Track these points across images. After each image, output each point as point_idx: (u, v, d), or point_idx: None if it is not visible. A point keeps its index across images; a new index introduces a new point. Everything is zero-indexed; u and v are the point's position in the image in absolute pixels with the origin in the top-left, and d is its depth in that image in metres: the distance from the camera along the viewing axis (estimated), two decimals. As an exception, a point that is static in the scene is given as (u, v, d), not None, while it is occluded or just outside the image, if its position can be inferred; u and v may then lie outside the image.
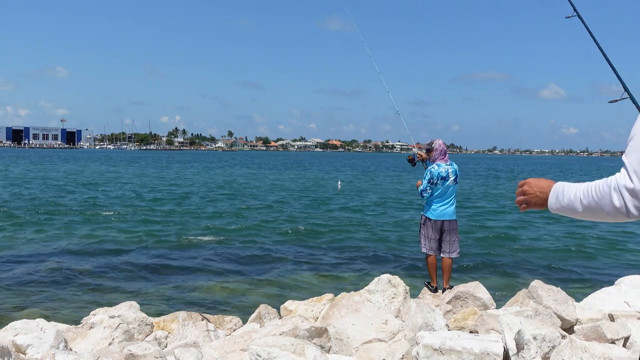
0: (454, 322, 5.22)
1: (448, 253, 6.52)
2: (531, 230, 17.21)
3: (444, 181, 6.43)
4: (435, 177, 6.43)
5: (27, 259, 11.66)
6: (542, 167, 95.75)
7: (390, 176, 50.87)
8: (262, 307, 6.30)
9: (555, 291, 5.39)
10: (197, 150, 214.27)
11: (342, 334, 4.69)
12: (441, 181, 6.43)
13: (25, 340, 4.51)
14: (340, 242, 14.55)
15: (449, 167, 6.48)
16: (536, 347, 3.97)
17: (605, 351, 3.84)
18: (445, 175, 6.44)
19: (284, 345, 3.87)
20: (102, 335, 5.04)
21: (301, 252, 12.98)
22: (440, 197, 6.47)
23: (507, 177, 52.47)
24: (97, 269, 10.89)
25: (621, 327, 4.39)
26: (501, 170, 74.23)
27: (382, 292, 5.79)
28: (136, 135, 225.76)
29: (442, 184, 6.43)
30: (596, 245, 14.88)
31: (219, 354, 4.29)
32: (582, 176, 58.89)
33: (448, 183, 6.43)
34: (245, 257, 12.27)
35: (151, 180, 38.81)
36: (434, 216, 6.49)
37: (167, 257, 12.16)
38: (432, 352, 3.92)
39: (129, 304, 5.99)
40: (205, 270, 11.05)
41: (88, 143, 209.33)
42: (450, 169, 6.48)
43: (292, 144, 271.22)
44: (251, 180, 41.33)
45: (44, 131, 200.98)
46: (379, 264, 11.87)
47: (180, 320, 5.84)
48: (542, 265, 12.10)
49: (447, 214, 6.48)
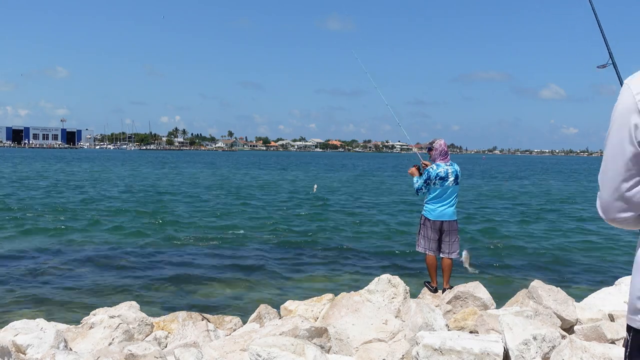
0: (454, 322, 5.22)
1: (448, 253, 6.51)
2: (531, 230, 17.22)
3: (442, 181, 6.40)
4: (433, 177, 6.41)
5: (27, 258, 11.66)
6: (543, 167, 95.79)
7: (380, 177, 50.90)
8: (262, 307, 6.30)
9: (555, 291, 5.40)
10: (197, 150, 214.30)
11: (342, 334, 4.69)
12: (440, 181, 6.40)
13: (25, 340, 4.51)
14: (341, 242, 14.55)
15: (448, 168, 6.46)
16: (536, 347, 3.97)
17: (605, 351, 3.84)
18: (444, 175, 6.41)
19: (284, 345, 3.87)
20: (102, 335, 5.04)
21: (301, 252, 12.98)
22: (440, 197, 6.45)
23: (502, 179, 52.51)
24: (97, 269, 10.89)
25: (621, 327, 4.39)
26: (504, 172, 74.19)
27: (382, 292, 5.79)
28: (136, 135, 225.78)
29: (441, 184, 6.41)
30: (596, 245, 14.88)
31: (219, 354, 4.29)
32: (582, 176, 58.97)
33: (447, 184, 6.41)
34: (245, 257, 12.27)
35: (152, 180, 38.82)
36: (432, 216, 6.47)
37: (167, 257, 12.16)
38: (432, 352, 3.92)
39: (129, 304, 5.99)
40: (205, 270, 11.05)
41: (88, 143, 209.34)
42: (450, 169, 6.46)
43: (292, 144, 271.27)
44: (250, 180, 41.33)
45: (44, 131, 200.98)
46: (379, 264, 11.87)
47: (180, 320, 5.84)
48: (542, 265, 12.10)
49: (447, 214, 6.47)
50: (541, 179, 50.13)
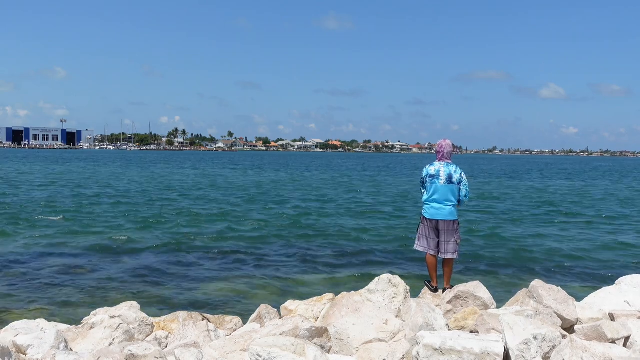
0: (455, 321, 5.21)
1: (443, 254, 6.52)
2: (531, 231, 17.22)
3: (432, 179, 6.45)
4: (424, 176, 6.57)
5: (27, 259, 11.66)
6: (541, 166, 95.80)
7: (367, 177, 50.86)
8: (263, 307, 6.30)
9: (556, 291, 5.39)
10: (197, 150, 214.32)
11: (342, 334, 4.69)
12: (430, 179, 6.47)
13: (25, 341, 4.51)
14: (341, 242, 14.55)
15: (441, 167, 6.48)
16: (537, 346, 3.97)
17: (605, 351, 3.84)
18: (435, 174, 6.46)
19: (285, 345, 3.87)
20: (102, 336, 5.04)
21: (301, 252, 12.98)
22: (433, 196, 6.49)
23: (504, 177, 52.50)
24: (97, 269, 10.89)
25: (622, 327, 4.39)
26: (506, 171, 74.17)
27: (382, 292, 5.79)
28: (136, 135, 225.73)
29: (431, 182, 6.46)
30: (596, 245, 14.88)
31: (220, 354, 4.29)
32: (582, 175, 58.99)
33: (438, 182, 6.43)
34: (245, 257, 12.27)
35: (155, 180, 38.83)
36: (428, 215, 6.53)
37: (167, 257, 12.16)
38: (433, 352, 3.92)
39: (130, 304, 5.99)
40: (205, 270, 11.06)
41: (88, 144, 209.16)
42: (442, 168, 6.47)
43: (292, 144, 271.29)
44: (250, 180, 41.34)
45: (44, 132, 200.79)
46: (379, 263, 11.87)
47: (180, 321, 5.84)
48: (542, 264, 12.10)
49: (442, 214, 6.46)
50: (543, 177, 50.22)
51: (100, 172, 48.99)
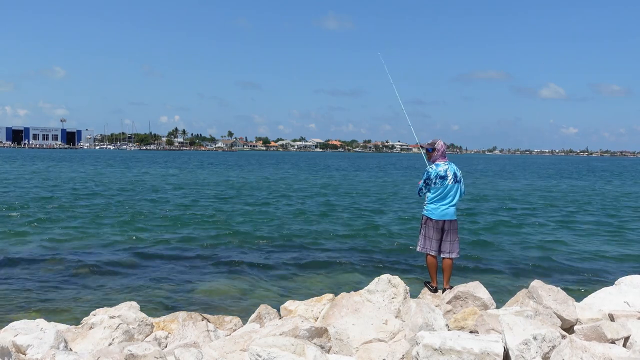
0: (454, 322, 5.21)
1: (448, 253, 6.51)
2: (531, 231, 17.21)
3: (442, 180, 6.43)
4: (433, 177, 6.45)
5: (27, 259, 11.66)
6: (542, 166, 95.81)
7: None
8: (262, 307, 6.30)
9: (555, 291, 5.39)
10: (197, 150, 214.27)
11: (342, 334, 4.69)
12: (440, 180, 6.43)
13: (25, 341, 4.51)
14: (341, 242, 14.55)
15: (447, 167, 6.49)
16: (536, 347, 3.97)
17: (605, 351, 3.84)
18: (444, 174, 6.44)
19: (284, 345, 3.87)
20: (102, 336, 5.04)
21: (301, 252, 12.98)
22: (441, 196, 6.46)
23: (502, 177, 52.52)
24: (97, 269, 10.89)
25: (621, 327, 4.39)
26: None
27: (382, 292, 5.79)
28: (136, 135, 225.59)
29: (442, 183, 6.43)
30: (596, 245, 14.88)
31: (219, 354, 4.29)
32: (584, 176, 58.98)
33: (447, 182, 6.43)
34: (244, 258, 12.27)
35: (156, 180, 38.82)
36: (435, 216, 6.47)
37: (167, 257, 12.16)
38: (432, 352, 3.92)
39: (129, 304, 5.99)
40: (205, 270, 11.05)
41: (88, 143, 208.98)
42: (449, 168, 6.48)
43: (292, 144, 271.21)
44: (249, 180, 41.34)
45: (44, 131, 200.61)
46: (379, 264, 11.87)
47: (180, 321, 5.84)
48: (542, 265, 12.10)
49: (449, 214, 6.48)
50: (541, 177, 50.24)
51: (104, 172, 48.99)
